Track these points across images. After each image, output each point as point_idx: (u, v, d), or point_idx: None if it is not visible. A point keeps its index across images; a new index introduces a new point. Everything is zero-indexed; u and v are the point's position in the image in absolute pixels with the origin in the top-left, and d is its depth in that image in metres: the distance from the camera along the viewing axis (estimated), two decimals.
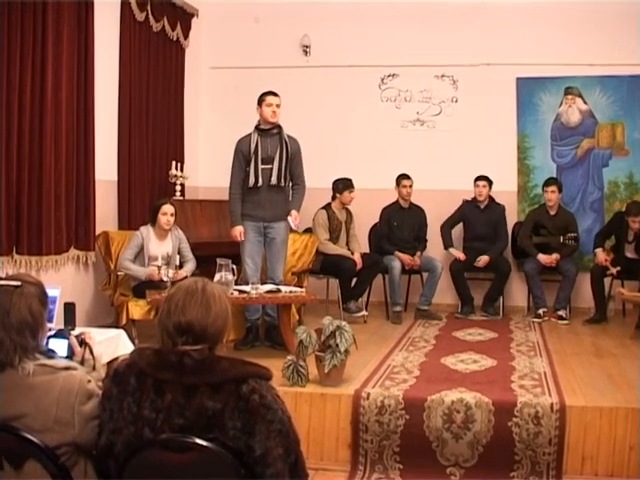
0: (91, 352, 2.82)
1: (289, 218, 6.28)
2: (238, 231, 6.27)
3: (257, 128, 6.28)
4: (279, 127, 6.28)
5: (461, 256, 8.01)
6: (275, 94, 6.24)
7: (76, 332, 2.92)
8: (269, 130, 6.25)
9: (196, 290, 2.37)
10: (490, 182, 8.07)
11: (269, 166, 6.21)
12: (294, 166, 6.34)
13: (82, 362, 2.76)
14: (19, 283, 2.45)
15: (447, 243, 8.15)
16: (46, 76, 5.98)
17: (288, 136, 6.30)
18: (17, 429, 2.31)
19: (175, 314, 2.33)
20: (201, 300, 2.35)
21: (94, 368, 2.79)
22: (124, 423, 2.30)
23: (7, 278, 2.51)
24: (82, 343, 2.82)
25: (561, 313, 7.71)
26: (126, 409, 2.31)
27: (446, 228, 8.20)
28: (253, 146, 6.20)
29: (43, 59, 5.96)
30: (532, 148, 8.59)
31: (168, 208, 6.55)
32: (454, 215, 8.25)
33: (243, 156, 6.24)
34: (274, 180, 6.22)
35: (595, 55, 8.22)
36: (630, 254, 7.62)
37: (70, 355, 2.79)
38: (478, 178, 8.09)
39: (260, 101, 6.24)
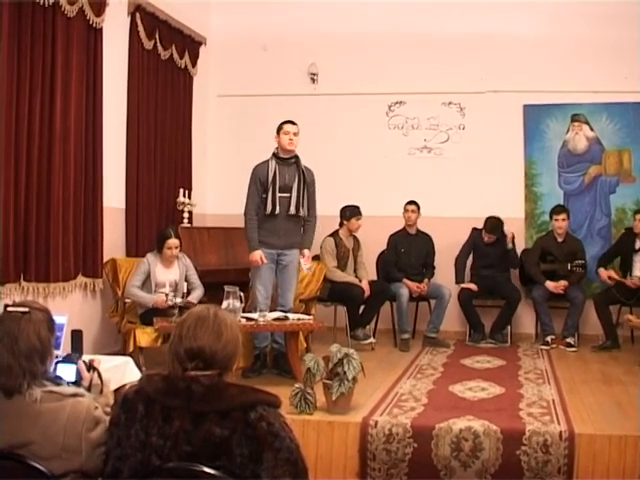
0: (99, 377, 2.82)
1: (301, 260, 6.32)
2: (258, 255, 6.23)
3: (275, 156, 6.31)
4: (296, 157, 6.33)
5: (473, 287, 7.98)
6: (293, 123, 6.28)
7: (84, 358, 2.91)
8: (287, 159, 6.28)
9: (208, 316, 2.38)
10: (499, 228, 7.95)
11: (287, 195, 6.24)
12: (308, 196, 6.37)
13: (90, 387, 2.76)
14: (27, 309, 2.45)
15: (459, 279, 8.09)
16: (55, 103, 6.02)
17: (304, 166, 6.35)
18: (23, 457, 2.30)
19: (187, 339, 2.33)
20: (212, 326, 2.36)
21: (101, 392, 2.79)
22: (131, 450, 2.30)
23: (14, 305, 2.51)
24: (90, 368, 2.82)
25: (569, 340, 7.67)
26: (134, 436, 2.30)
27: (460, 262, 8.13)
28: (271, 174, 6.22)
29: (52, 86, 6.00)
30: (539, 175, 8.58)
31: (173, 242, 6.57)
32: (466, 246, 8.19)
33: (261, 183, 6.25)
34: (292, 209, 6.25)
35: (601, 82, 8.23)
36: (638, 264, 7.57)
37: (78, 380, 2.79)
38: (485, 229, 7.96)
39: (278, 130, 6.29)
